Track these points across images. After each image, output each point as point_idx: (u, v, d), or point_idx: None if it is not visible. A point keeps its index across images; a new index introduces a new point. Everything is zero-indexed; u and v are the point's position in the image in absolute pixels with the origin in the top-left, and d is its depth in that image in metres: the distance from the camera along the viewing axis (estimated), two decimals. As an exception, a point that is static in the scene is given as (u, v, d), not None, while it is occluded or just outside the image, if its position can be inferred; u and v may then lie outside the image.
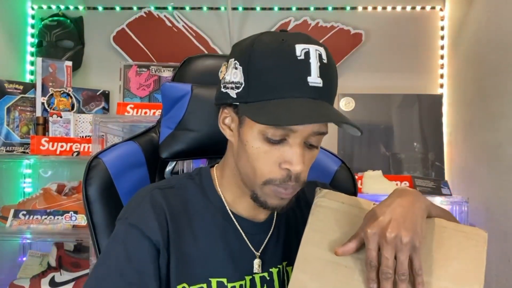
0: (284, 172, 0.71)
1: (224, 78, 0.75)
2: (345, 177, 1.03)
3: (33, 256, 2.00)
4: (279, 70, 0.68)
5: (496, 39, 1.72)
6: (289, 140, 0.70)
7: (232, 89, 0.72)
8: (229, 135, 0.78)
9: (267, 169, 0.72)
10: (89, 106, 2.12)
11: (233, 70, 0.73)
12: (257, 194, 0.75)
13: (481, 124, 1.82)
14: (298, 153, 0.70)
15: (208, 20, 2.30)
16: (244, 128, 0.73)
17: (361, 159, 2.09)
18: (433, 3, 2.26)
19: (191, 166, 1.53)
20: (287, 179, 0.72)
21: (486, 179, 1.76)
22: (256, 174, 0.73)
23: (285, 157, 0.71)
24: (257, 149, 0.72)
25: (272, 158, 0.71)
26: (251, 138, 0.72)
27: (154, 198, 0.78)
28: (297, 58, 0.68)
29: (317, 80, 0.69)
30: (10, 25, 2.15)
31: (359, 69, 2.27)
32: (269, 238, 0.83)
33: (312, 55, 0.69)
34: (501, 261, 1.62)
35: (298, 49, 0.69)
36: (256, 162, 0.72)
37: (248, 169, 0.74)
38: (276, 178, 0.72)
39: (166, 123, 0.96)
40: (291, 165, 0.70)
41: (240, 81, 0.71)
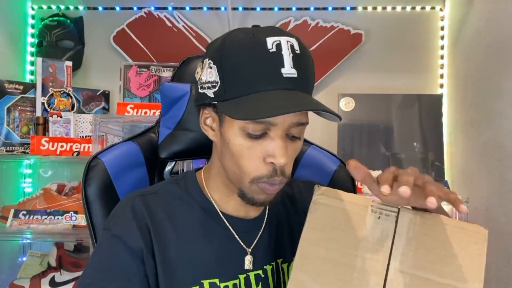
0: (269, 166, 0.72)
1: (201, 79, 0.75)
2: (344, 177, 1.04)
3: (33, 256, 2.00)
4: (252, 65, 0.69)
5: (496, 39, 1.72)
6: (270, 134, 0.71)
7: (209, 88, 0.73)
8: (211, 135, 0.78)
9: (253, 166, 0.72)
10: (89, 106, 2.12)
11: (208, 69, 0.73)
12: (244, 191, 0.75)
13: (481, 124, 1.82)
14: (280, 145, 0.70)
15: (208, 20, 2.30)
16: (224, 126, 0.73)
17: (361, 159, 2.06)
18: (433, 3, 2.26)
19: (190, 166, 1.53)
20: (274, 174, 0.72)
21: (486, 179, 1.76)
22: (242, 172, 0.73)
23: (268, 150, 0.71)
24: (239, 146, 0.72)
25: (255, 153, 0.71)
26: (232, 135, 0.72)
27: (135, 208, 0.78)
28: (269, 51, 0.69)
29: (291, 70, 0.69)
30: (10, 25, 2.15)
31: (359, 69, 2.27)
32: (260, 235, 0.83)
33: (284, 47, 0.69)
34: (501, 261, 1.62)
35: (269, 42, 0.69)
36: (241, 160, 0.72)
37: (233, 167, 0.74)
38: (263, 175, 0.72)
39: (165, 123, 0.96)
40: (275, 158, 0.71)
41: (215, 80, 0.71)
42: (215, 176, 0.82)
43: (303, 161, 1.03)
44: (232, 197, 0.81)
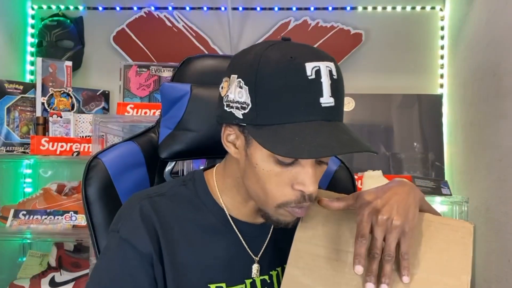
0: (297, 193, 0.70)
1: (227, 96, 0.71)
2: (344, 177, 1.03)
3: (33, 256, 2.00)
4: (290, 92, 0.65)
5: (496, 39, 1.72)
6: (301, 161, 0.68)
7: (238, 109, 0.69)
8: (234, 152, 0.75)
9: (280, 192, 0.70)
10: (89, 106, 2.12)
11: (237, 89, 0.69)
12: (269, 214, 0.74)
13: (481, 124, 1.82)
14: (311, 174, 0.68)
15: (208, 20, 2.30)
16: (252, 149, 0.70)
17: (361, 159, 2.09)
18: (433, 3, 2.26)
19: (190, 166, 1.53)
20: (302, 200, 0.70)
21: (486, 179, 1.76)
22: (268, 197, 0.71)
23: (297, 178, 0.69)
24: (268, 172, 0.69)
25: (284, 180, 0.69)
26: (260, 160, 0.69)
27: (143, 210, 0.77)
28: (308, 78, 0.65)
29: (329, 100, 0.66)
30: (10, 25, 2.15)
31: (359, 69, 2.27)
32: (267, 243, 0.83)
33: (323, 74, 0.66)
34: (501, 261, 1.62)
35: (309, 68, 0.65)
36: (267, 185, 0.70)
37: (258, 191, 0.72)
38: (291, 201, 0.70)
39: (166, 123, 0.96)
40: (304, 186, 0.69)
41: (246, 102, 0.68)
42: (232, 186, 0.80)
43: (303, 162, 1.02)
44: (245, 205, 0.80)
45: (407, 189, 0.73)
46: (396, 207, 0.68)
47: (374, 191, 0.72)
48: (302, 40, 0.74)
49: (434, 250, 0.69)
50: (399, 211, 0.67)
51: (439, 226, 0.71)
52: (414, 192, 0.73)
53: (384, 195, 0.70)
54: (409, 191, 0.72)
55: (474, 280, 1.82)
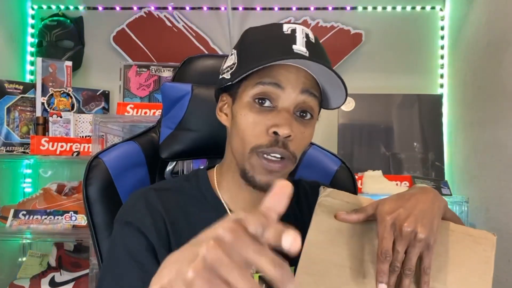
0: (271, 137, 0.71)
1: (223, 68, 0.80)
2: (345, 177, 1.03)
3: (33, 256, 2.00)
4: (267, 42, 0.74)
5: (496, 39, 1.72)
6: (278, 106, 0.73)
7: (228, 71, 0.77)
8: (224, 120, 0.81)
9: (255, 135, 0.73)
10: (89, 106, 2.12)
11: (230, 57, 0.79)
12: (245, 169, 0.75)
13: (481, 124, 1.82)
14: (286, 117, 0.71)
15: (208, 20, 2.30)
16: (236, 104, 0.76)
17: (361, 159, 2.09)
18: (433, 3, 2.26)
19: (191, 166, 1.53)
20: (274, 143, 0.71)
21: (486, 179, 1.76)
22: (244, 144, 0.74)
23: (273, 121, 0.71)
24: (246, 117, 0.73)
25: (260, 125, 0.72)
26: (242, 107, 0.74)
27: (148, 199, 0.78)
28: (284, 32, 0.74)
29: (302, 48, 0.72)
30: (10, 25, 2.15)
31: (359, 69, 2.27)
32: None
33: (298, 32, 0.74)
34: (501, 261, 1.62)
35: (286, 27, 0.75)
36: (245, 131, 0.74)
37: (238, 143, 0.75)
38: (263, 143, 0.72)
39: (166, 123, 0.96)
40: (278, 127, 0.70)
41: (234, 62, 0.77)
42: (226, 172, 0.82)
43: (304, 162, 1.03)
44: (241, 195, 0.81)
45: (431, 197, 0.69)
46: (420, 218, 0.64)
47: (396, 199, 0.68)
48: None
49: (454, 262, 0.66)
50: (423, 223, 0.63)
51: (461, 237, 0.68)
52: (439, 200, 0.70)
53: (407, 204, 0.66)
54: (433, 199, 0.69)
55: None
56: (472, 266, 0.66)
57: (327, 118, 2.25)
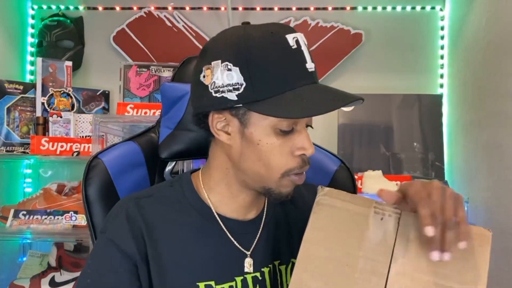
0: (298, 159, 0.74)
1: (214, 83, 0.72)
2: (344, 177, 1.03)
3: (33, 256, 2.00)
4: (281, 63, 0.71)
5: (496, 39, 1.72)
6: (297, 127, 0.74)
7: (230, 91, 0.71)
8: (226, 139, 0.76)
9: (284, 161, 0.74)
10: (89, 106, 2.12)
11: (225, 72, 0.71)
12: (271, 188, 0.76)
13: (481, 124, 1.82)
14: (307, 137, 0.74)
15: (208, 20, 2.30)
16: (250, 128, 0.73)
17: (361, 159, 2.09)
18: (433, 3, 2.26)
19: (190, 166, 1.53)
20: (303, 164, 0.75)
21: (486, 179, 1.76)
22: (272, 170, 0.74)
23: (297, 144, 0.74)
24: (271, 145, 0.73)
25: (285, 149, 0.73)
26: (263, 135, 0.73)
27: (128, 212, 0.79)
28: (292, 48, 0.72)
29: (312, 65, 0.74)
30: (10, 25, 2.15)
31: (359, 69, 2.27)
32: (259, 237, 0.82)
33: (301, 43, 0.74)
34: (501, 261, 1.62)
35: (289, 39, 0.72)
36: (271, 158, 0.73)
37: (260, 168, 0.75)
38: (294, 167, 0.74)
39: (166, 123, 0.96)
40: (305, 149, 0.74)
41: (239, 82, 0.70)
42: (220, 180, 0.81)
43: (303, 161, 1.02)
44: (233, 199, 0.81)
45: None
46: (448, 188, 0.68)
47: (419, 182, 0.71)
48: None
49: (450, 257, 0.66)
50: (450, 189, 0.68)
51: None
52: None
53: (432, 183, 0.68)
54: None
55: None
56: (468, 261, 0.67)
57: (327, 118, 2.25)
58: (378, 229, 0.70)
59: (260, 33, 0.72)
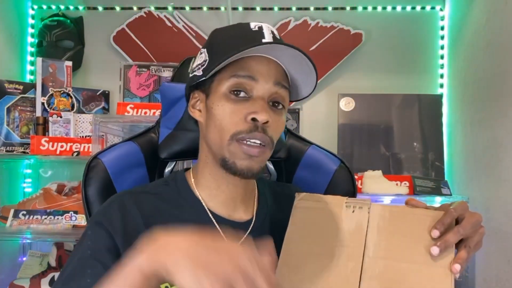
0: (250, 124, 0.75)
1: (191, 68, 0.84)
2: (344, 176, 1.03)
3: (33, 256, 2.00)
4: (236, 38, 0.78)
5: (496, 39, 1.72)
6: (253, 95, 0.76)
7: (198, 69, 0.80)
8: (198, 115, 0.82)
9: (233, 123, 0.75)
10: (89, 106, 2.12)
11: (198, 56, 0.83)
12: (225, 158, 0.77)
13: (481, 124, 1.82)
14: (262, 104, 0.75)
15: (208, 20, 2.30)
16: (211, 97, 0.78)
17: (361, 159, 2.09)
18: (433, 3, 2.26)
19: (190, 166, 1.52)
20: (253, 129, 0.74)
21: (486, 179, 1.76)
22: (223, 133, 0.76)
23: (250, 109, 0.75)
24: (223, 108, 0.76)
25: (237, 114, 0.75)
26: (217, 100, 0.77)
27: (123, 202, 0.79)
28: (252, 29, 0.78)
29: (269, 38, 0.77)
30: (10, 25, 2.15)
31: (359, 69, 2.27)
32: (248, 234, 0.83)
33: (265, 28, 0.78)
34: (501, 261, 1.62)
35: (253, 24, 0.79)
36: (223, 120, 0.76)
37: (215, 134, 0.77)
38: (243, 130, 0.75)
39: (165, 123, 0.96)
40: (256, 114, 0.74)
41: (205, 59, 0.80)
42: (203, 169, 0.83)
43: (303, 161, 1.03)
44: (219, 190, 0.82)
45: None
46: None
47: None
48: (302, 40, 0.78)
49: (415, 240, 0.72)
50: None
51: (421, 218, 0.74)
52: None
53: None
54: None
55: (474, 280, 1.82)
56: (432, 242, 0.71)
57: (327, 118, 2.26)
58: (351, 220, 0.76)
59: (231, 25, 0.83)
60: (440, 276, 0.68)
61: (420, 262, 0.70)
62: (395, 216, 0.75)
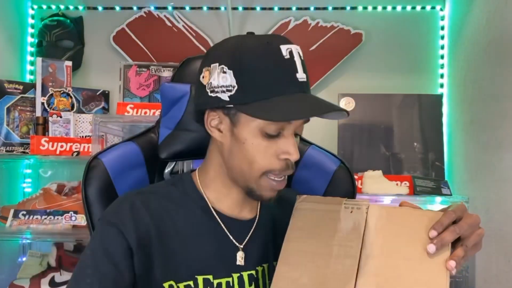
0: (283, 162, 0.77)
1: (210, 83, 0.77)
2: (344, 176, 1.03)
3: (33, 256, 2.00)
4: (271, 70, 0.74)
5: (496, 39, 1.72)
6: (284, 133, 0.77)
7: (223, 92, 0.75)
8: (218, 136, 0.80)
9: (267, 162, 0.77)
10: (89, 106, 2.12)
11: (221, 74, 0.76)
12: (252, 188, 0.79)
13: (481, 124, 1.82)
14: (293, 143, 0.77)
15: (208, 20, 2.30)
16: (239, 127, 0.77)
17: (361, 159, 2.09)
18: (433, 3, 2.26)
19: (190, 166, 1.52)
20: (285, 168, 0.78)
21: (486, 179, 1.76)
22: (253, 168, 0.78)
23: (282, 148, 0.77)
24: (257, 146, 0.76)
25: (270, 151, 0.77)
26: (250, 135, 0.76)
27: (133, 203, 0.81)
28: (284, 57, 0.75)
29: (303, 75, 0.76)
30: (10, 25, 2.15)
31: (359, 69, 2.27)
32: (252, 233, 0.85)
33: (295, 54, 0.76)
34: (501, 261, 1.62)
35: (283, 49, 0.75)
36: (256, 157, 0.77)
37: (244, 165, 0.78)
38: (276, 168, 0.77)
39: (165, 123, 0.96)
40: (290, 154, 0.77)
41: (232, 84, 0.75)
42: (214, 176, 0.85)
43: (303, 161, 1.03)
44: (229, 196, 0.85)
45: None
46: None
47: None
48: (302, 40, 0.78)
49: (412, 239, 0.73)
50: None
51: (418, 218, 0.75)
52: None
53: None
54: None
55: (474, 280, 1.82)
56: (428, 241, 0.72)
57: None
58: (349, 220, 0.78)
59: (256, 41, 0.76)
60: (435, 273, 0.69)
61: (416, 259, 0.71)
62: (392, 216, 0.77)
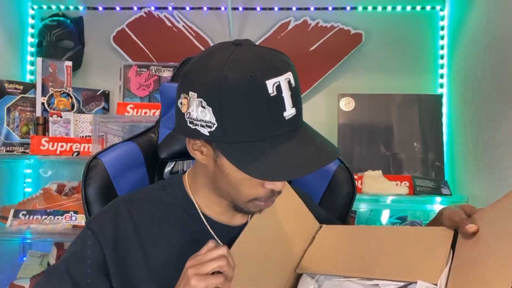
0: (268, 190, 0.75)
1: (190, 113, 0.70)
2: (343, 176, 1.03)
3: (33, 256, 2.00)
4: (254, 111, 0.67)
5: (496, 39, 1.72)
6: None
7: (203, 127, 0.69)
8: (201, 159, 0.76)
9: (253, 191, 0.75)
10: (89, 106, 2.12)
11: (199, 108, 0.69)
12: (240, 206, 0.78)
13: (481, 124, 1.82)
14: None
15: (208, 20, 2.30)
16: (222, 160, 0.72)
17: (361, 159, 2.09)
18: (433, 3, 2.26)
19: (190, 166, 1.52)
20: (271, 195, 0.76)
21: (486, 179, 1.76)
22: (239, 196, 0.76)
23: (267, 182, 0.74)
24: (240, 179, 0.73)
25: (255, 182, 0.73)
26: (232, 170, 0.72)
27: (119, 212, 0.81)
28: (270, 95, 0.67)
29: (292, 111, 0.69)
30: (10, 25, 2.15)
31: (359, 69, 2.27)
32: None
33: (284, 88, 0.68)
34: (501, 261, 1.62)
35: (269, 85, 0.67)
36: (240, 188, 0.74)
37: (230, 191, 0.76)
38: (261, 197, 0.75)
39: (165, 123, 0.96)
40: (275, 185, 0.74)
41: (211, 121, 0.68)
42: (203, 185, 0.82)
43: (303, 162, 1.02)
44: (218, 203, 0.82)
45: None
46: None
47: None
48: (302, 40, 0.76)
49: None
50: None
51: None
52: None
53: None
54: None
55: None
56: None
57: (327, 118, 2.26)
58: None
59: (239, 75, 0.67)
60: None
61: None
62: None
